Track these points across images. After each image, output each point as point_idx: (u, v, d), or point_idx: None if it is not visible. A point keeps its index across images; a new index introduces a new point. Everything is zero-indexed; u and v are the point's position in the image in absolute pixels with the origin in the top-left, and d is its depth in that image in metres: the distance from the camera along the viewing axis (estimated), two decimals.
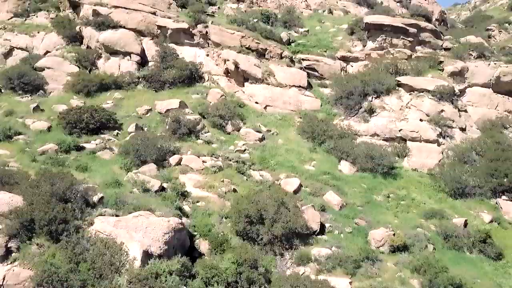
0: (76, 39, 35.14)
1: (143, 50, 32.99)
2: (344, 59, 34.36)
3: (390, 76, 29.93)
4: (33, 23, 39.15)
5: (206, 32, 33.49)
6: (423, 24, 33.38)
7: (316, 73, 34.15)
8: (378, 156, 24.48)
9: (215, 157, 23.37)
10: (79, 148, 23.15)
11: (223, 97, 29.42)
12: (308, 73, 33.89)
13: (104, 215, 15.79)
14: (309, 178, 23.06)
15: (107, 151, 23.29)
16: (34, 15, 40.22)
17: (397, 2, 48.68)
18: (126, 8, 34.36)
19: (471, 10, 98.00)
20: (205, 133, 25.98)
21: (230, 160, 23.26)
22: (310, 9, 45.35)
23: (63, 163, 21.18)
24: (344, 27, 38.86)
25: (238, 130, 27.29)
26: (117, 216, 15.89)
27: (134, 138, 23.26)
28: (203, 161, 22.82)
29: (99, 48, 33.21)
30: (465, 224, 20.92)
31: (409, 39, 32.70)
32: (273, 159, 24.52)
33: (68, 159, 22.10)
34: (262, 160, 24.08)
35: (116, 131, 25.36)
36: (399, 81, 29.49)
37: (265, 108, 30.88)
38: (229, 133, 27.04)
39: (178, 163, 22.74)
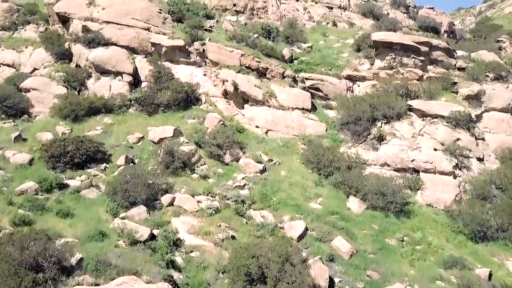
0: (65, 56, 33.07)
1: (135, 69, 30.89)
2: (351, 78, 32.26)
3: (401, 100, 27.81)
4: (21, 37, 37.13)
5: (204, 50, 31.35)
6: (435, 42, 31.22)
7: (320, 93, 32.06)
8: (390, 192, 22.37)
9: (212, 196, 21.26)
10: (62, 186, 21.05)
11: (221, 122, 27.28)
12: (311, 93, 31.83)
13: (82, 284, 13.68)
14: (315, 219, 20.93)
15: (93, 189, 21.19)
16: (23, 28, 38.22)
17: (404, 13, 46.55)
18: (118, 24, 32.27)
19: (476, 16, 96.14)
20: (201, 165, 23.85)
21: (228, 199, 21.15)
22: (313, 21, 43.24)
23: (43, 207, 19.08)
24: (349, 42, 36.76)
25: (237, 160, 25.16)
26: (97, 285, 13.79)
27: (122, 175, 21.13)
28: (198, 201, 20.71)
29: (89, 67, 31.13)
30: (490, 276, 18.82)
31: (420, 58, 30.55)
32: (276, 195, 22.40)
33: (50, 200, 20.05)
34: (263, 198, 21.97)
35: (104, 164, 23.22)
36: (410, 105, 27.38)
37: (266, 132, 28.77)
38: (227, 164, 24.92)
39: (171, 204, 20.63)
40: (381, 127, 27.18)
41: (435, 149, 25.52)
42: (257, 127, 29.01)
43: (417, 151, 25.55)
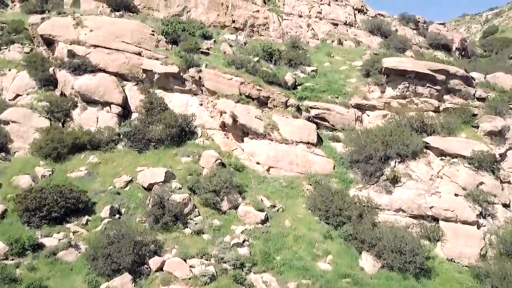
0: (49, 82, 30.44)
1: (125, 99, 28.30)
2: (359, 107, 29.70)
3: (416, 136, 25.25)
4: (5, 59, 34.45)
5: (200, 78, 28.77)
6: (452, 69, 28.59)
7: (326, 123, 29.52)
8: (409, 250, 19.78)
9: (206, 259, 18.68)
10: (37, 247, 18.49)
11: (218, 161, 24.70)
12: (317, 123, 29.32)
13: None
14: (324, 285, 18.34)
15: (71, 250, 18.67)
16: (7, 48, 35.57)
17: (413, 29, 43.99)
18: (107, 48, 29.67)
19: (482, 24, 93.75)
20: (195, 217, 21.27)
21: (226, 263, 18.58)
22: (317, 39, 40.69)
23: (11, 278, 16.52)
24: (357, 64, 34.21)
25: (236, 208, 22.57)
26: None
27: (105, 234, 18.56)
28: (191, 266, 18.16)
29: (75, 96, 28.54)
30: None
31: (436, 87, 27.98)
32: (279, 253, 19.84)
33: (21, 265, 17.51)
34: (265, 258, 19.39)
35: (86, 217, 20.61)
36: (427, 143, 24.80)
37: (268, 170, 26.20)
38: (224, 212, 22.33)
39: (160, 268, 18.09)
40: (395, 166, 24.61)
41: (456, 195, 22.96)
42: (258, 163, 26.45)
43: (436, 196, 22.97)
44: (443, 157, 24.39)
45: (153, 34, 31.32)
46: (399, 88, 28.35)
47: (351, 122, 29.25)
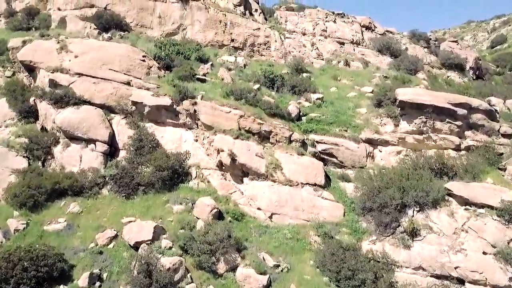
0: (30, 113, 28.03)
1: (112, 135, 25.60)
2: (371, 142, 26.98)
3: (437, 181, 22.51)
4: None
5: (195, 111, 26.03)
6: (475, 102, 25.85)
7: (334, 160, 26.80)
8: None
9: None
10: None
11: (215, 210, 21.98)
12: (324, 159, 26.63)
13: None
14: None
15: None
16: None
17: (424, 47, 41.24)
18: (93, 77, 27.02)
19: (489, 32, 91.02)
20: (187, 284, 18.52)
21: None
22: (322, 59, 37.99)
23: None
24: (366, 90, 31.51)
25: (234, 270, 19.82)
26: None
27: None
28: None
29: (57, 131, 25.85)
30: None
31: (456, 122, 25.25)
32: None
33: None
34: None
35: (62, 286, 17.89)
36: (449, 189, 22.05)
37: (270, 217, 23.46)
38: (221, 275, 19.57)
39: None
40: (413, 216, 21.86)
41: (484, 253, 20.20)
42: (259, 209, 23.71)
43: (461, 254, 20.22)
44: (468, 207, 21.64)
45: (144, 60, 28.59)
46: (415, 123, 25.63)
47: (362, 159, 26.54)
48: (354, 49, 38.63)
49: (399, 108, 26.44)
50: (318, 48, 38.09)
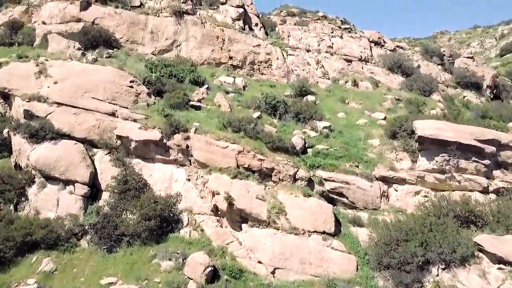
0: (4, 146, 25.07)
1: (94, 174, 22.69)
2: (385, 180, 24.04)
3: (464, 233, 19.55)
4: None
5: (188, 146, 23.09)
6: (504, 138, 22.85)
7: (344, 199, 23.86)
8: None
9: None
10: None
11: (209, 269, 19.03)
12: (333, 199, 23.74)
13: None
14: None
15: None
16: None
17: (438, 64, 38.27)
18: (73, 107, 24.15)
19: (497, 39, 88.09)
20: None
21: None
22: (328, 78, 35.06)
23: None
24: (378, 117, 28.61)
25: None
26: None
27: None
28: None
29: (33, 169, 22.92)
30: None
31: (484, 161, 22.30)
32: None
33: None
34: None
35: None
36: (480, 245, 19.10)
37: (273, 272, 20.46)
38: None
39: None
40: (438, 275, 18.91)
41: None
42: (260, 262, 20.75)
43: None
44: (502, 266, 18.66)
45: (131, 86, 25.66)
46: (436, 161, 22.67)
47: (375, 200, 23.60)
48: (362, 67, 35.68)
49: (418, 143, 23.47)
50: (324, 66, 35.18)
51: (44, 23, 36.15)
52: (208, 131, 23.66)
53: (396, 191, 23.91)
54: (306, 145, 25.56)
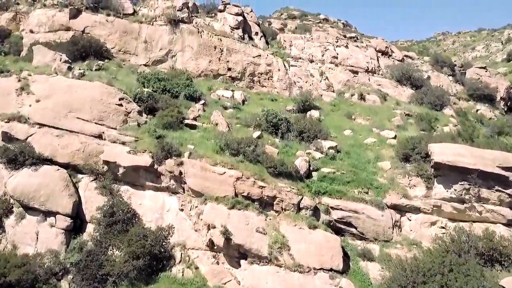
0: None
1: (77, 204, 20.64)
2: (397, 208, 21.96)
3: (489, 274, 17.49)
4: None
5: (181, 173, 21.01)
6: None
7: (353, 229, 21.77)
8: None
9: None
10: None
11: None
12: (340, 229, 21.67)
13: None
14: None
15: None
16: None
17: (449, 75, 36.18)
18: (57, 128, 22.12)
19: (504, 43, 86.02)
20: None
21: None
22: (333, 91, 32.99)
23: None
24: (388, 136, 26.55)
25: None
26: None
27: None
28: None
29: (11, 197, 20.85)
30: None
31: (508, 191, 20.15)
32: None
33: None
34: None
35: None
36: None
37: None
38: None
39: None
40: None
41: None
42: None
43: None
44: None
45: (121, 104, 23.61)
46: (454, 189, 20.57)
47: (387, 230, 21.50)
48: (369, 79, 33.60)
49: (433, 169, 21.38)
50: (328, 78, 33.09)
51: (32, 31, 34.21)
52: (203, 155, 21.59)
53: (410, 220, 21.82)
54: (311, 168, 23.47)
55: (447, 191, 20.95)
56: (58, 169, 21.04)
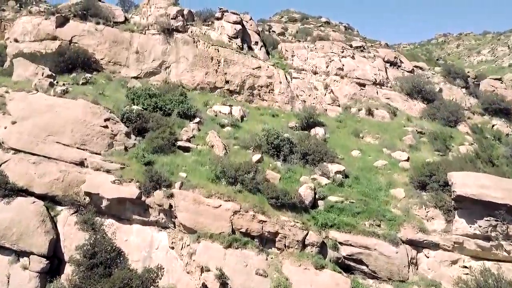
0: None
1: (55, 241, 18.43)
2: (413, 243, 19.67)
3: None
4: None
5: (171, 206, 18.75)
6: None
7: (364, 267, 19.48)
8: None
9: None
10: None
11: None
12: (350, 266, 19.39)
13: None
14: None
15: None
16: None
17: (462, 87, 33.89)
18: (33, 154, 19.84)
19: (510, 47, 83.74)
20: None
21: None
22: (338, 105, 30.70)
23: None
24: (401, 158, 24.33)
25: None
26: None
27: None
28: None
29: None
30: None
31: None
32: None
33: None
34: None
35: None
36: None
37: None
38: None
39: None
40: None
41: None
42: None
43: None
44: None
45: (106, 126, 21.33)
46: (479, 225, 18.30)
47: (402, 269, 19.19)
48: (377, 92, 31.31)
49: (455, 201, 19.10)
50: (333, 91, 30.80)
51: (16, 40, 31.91)
52: (196, 185, 19.33)
53: (428, 258, 19.51)
54: (317, 197, 21.18)
55: (470, 226, 18.66)
56: (34, 202, 18.78)
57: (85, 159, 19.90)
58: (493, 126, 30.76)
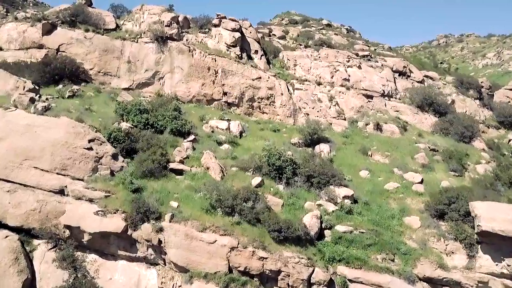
0: None
1: (29, 283, 16.34)
2: (432, 281, 17.67)
3: None
4: None
5: (160, 242, 16.71)
6: None
7: None
8: None
9: None
10: None
11: None
12: None
13: None
14: None
15: None
16: None
17: (475, 99, 31.83)
18: (8, 181, 17.78)
19: None
20: None
21: None
22: (344, 118, 28.65)
23: None
24: (414, 180, 22.33)
25: None
26: None
27: None
28: None
29: None
30: None
31: None
32: None
33: None
34: None
35: None
36: None
37: None
38: None
39: None
40: None
41: None
42: None
43: None
44: None
45: (90, 148, 19.27)
46: (507, 264, 16.27)
47: None
48: (385, 104, 29.26)
49: (478, 235, 17.07)
50: (339, 103, 28.76)
51: (1, 49, 29.90)
52: (189, 217, 17.31)
53: None
54: (323, 226, 19.14)
55: (496, 264, 16.67)
56: (7, 236, 16.79)
57: (66, 186, 17.87)
58: (509, 141, 28.73)
